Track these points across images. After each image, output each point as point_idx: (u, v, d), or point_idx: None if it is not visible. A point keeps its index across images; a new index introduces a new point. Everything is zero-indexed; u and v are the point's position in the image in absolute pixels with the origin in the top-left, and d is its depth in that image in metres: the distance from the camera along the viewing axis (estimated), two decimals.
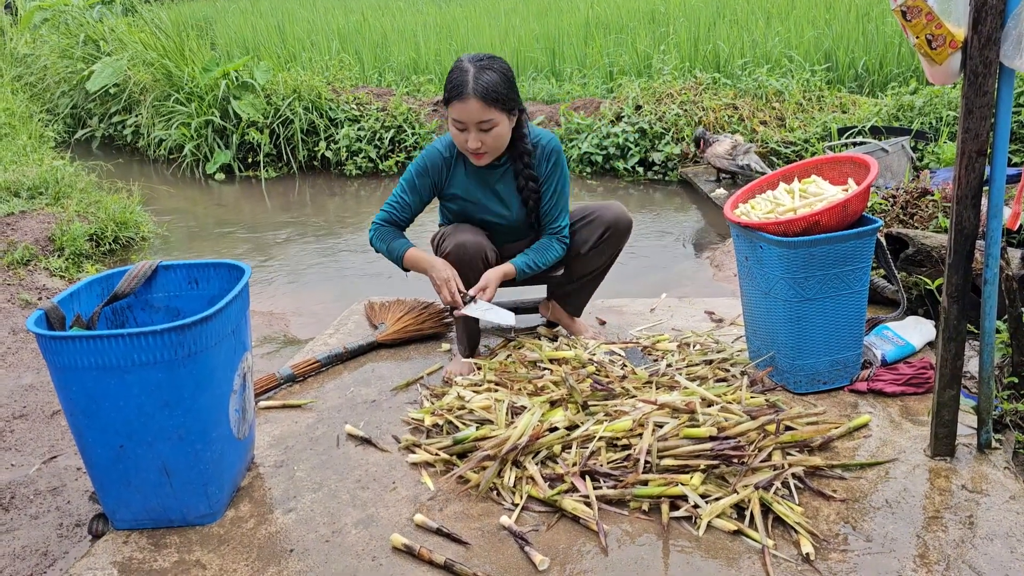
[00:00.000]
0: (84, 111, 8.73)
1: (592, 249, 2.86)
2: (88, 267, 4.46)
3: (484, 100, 2.48)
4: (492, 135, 2.56)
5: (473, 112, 2.50)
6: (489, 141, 2.57)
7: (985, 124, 1.93)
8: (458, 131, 2.58)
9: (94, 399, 1.94)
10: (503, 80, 2.53)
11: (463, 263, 2.68)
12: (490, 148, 2.60)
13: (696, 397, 2.38)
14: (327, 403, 2.73)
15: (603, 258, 2.92)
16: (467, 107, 2.49)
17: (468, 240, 2.68)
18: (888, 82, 7.39)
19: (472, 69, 2.50)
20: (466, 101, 2.48)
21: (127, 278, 2.30)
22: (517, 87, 2.60)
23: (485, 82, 2.48)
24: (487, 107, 2.49)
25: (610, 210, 2.85)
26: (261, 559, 1.97)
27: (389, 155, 7.19)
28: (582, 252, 2.87)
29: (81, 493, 2.37)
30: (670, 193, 6.29)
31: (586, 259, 2.89)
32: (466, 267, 2.69)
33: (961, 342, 2.12)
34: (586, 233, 2.86)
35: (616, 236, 2.86)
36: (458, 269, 2.69)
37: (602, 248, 2.87)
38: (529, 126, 2.73)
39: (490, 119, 2.52)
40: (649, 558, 1.91)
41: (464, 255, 2.67)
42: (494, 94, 2.49)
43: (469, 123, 2.53)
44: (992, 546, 1.88)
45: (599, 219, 2.84)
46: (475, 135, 2.54)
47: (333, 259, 5.11)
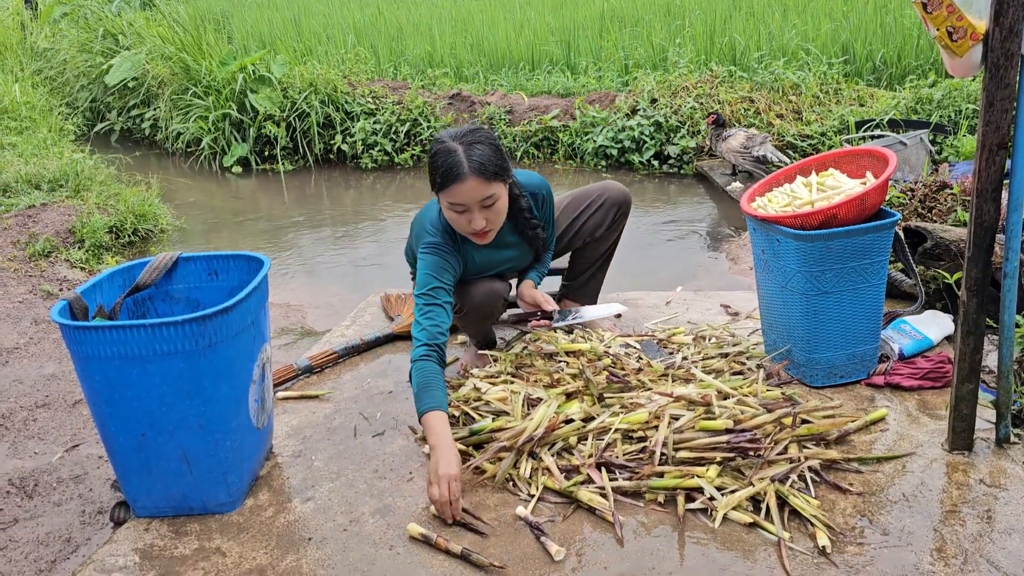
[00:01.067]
0: (103, 105, 8.79)
1: (607, 230, 2.93)
2: (108, 259, 4.51)
3: (483, 176, 2.32)
4: (495, 210, 2.41)
5: (474, 192, 2.33)
6: (493, 217, 2.42)
7: (1006, 117, 1.92)
8: (457, 215, 2.39)
9: (116, 388, 1.96)
10: (493, 150, 2.36)
11: (480, 315, 2.71)
12: (494, 223, 2.45)
13: (712, 390, 2.38)
14: (344, 394, 2.75)
15: (613, 236, 2.99)
16: (466, 188, 2.32)
17: (482, 294, 2.64)
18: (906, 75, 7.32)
19: (460, 148, 2.32)
20: (464, 182, 2.31)
21: (148, 269, 2.32)
22: (504, 153, 2.43)
23: (478, 157, 2.31)
24: (487, 183, 2.33)
25: (614, 190, 2.92)
26: (280, 547, 2.00)
27: (405, 148, 7.21)
28: (597, 235, 2.93)
29: (103, 481, 2.41)
30: (685, 186, 6.27)
31: (599, 242, 2.96)
32: (487, 318, 2.75)
33: (980, 336, 2.11)
34: (600, 216, 2.92)
35: (625, 212, 2.95)
36: (480, 323, 2.74)
37: (614, 227, 2.95)
38: (517, 175, 2.64)
39: (492, 194, 2.36)
40: (664, 549, 1.91)
41: (482, 309, 2.68)
42: (491, 167, 2.33)
43: (471, 204, 2.36)
44: (1010, 540, 1.88)
45: (608, 200, 2.90)
46: (479, 215, 2.38)
47: (350, 251, 5.14)
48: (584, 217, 2.93)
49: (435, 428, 2.20)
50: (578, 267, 3.03)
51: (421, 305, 2.42)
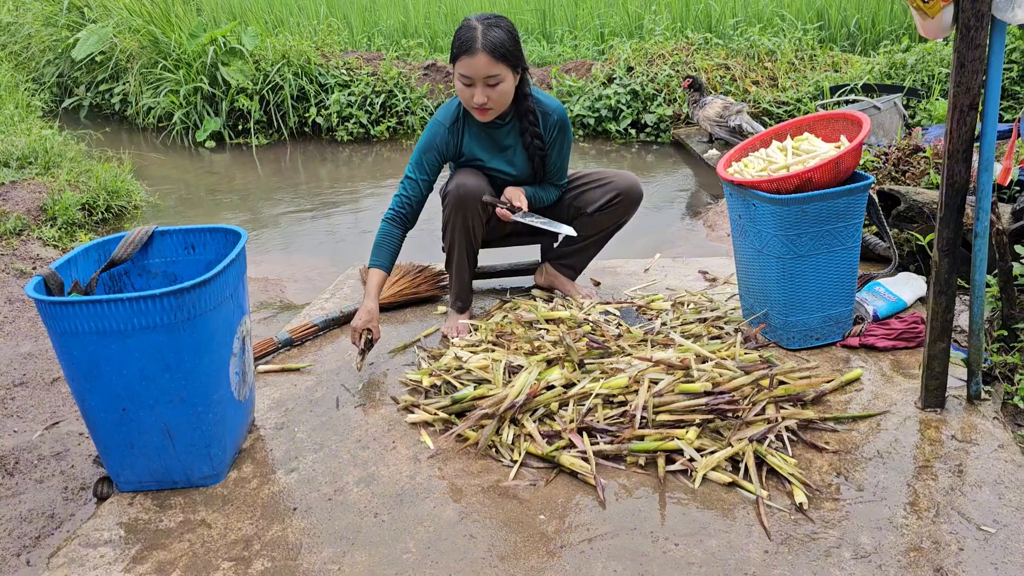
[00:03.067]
0: (71, 80, 8.61)
1: (598, 211, 2.93)
2: (81, 236, 4.45)
3: (492, 55, 2.53)
4: (498, 91, 2.61)
5: (481, 67, 2.54)
6: (495, 96, 2.62)
7: (977, 78, 1.94)
8: (464, 86, 2.62)
9: (95, 363, 1.95)
10: (510, 37, 2.58)
11: (461, 205, 2.74)
12: (495, 103, 2.64)
13: (691, 354, 2.41)
14: (325, 366, 2.75)
15: (608, 223, 2.98)
16: (475, 62, 2.54)
17: (468, 181, 2.73)
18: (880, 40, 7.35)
19: (480, 26, 2.55)
20: (475, 56, 2.53)
21: (124, 244, 2.30)
22: (522, 47, 2.65)
23: (493, 38, 2.53)
24: (494, 62, 2.54)
25: (625, 178, 2.94)
26: (265, 518, 2.01)
27: (380, 120, 7.14)
28: (587, 212, 2.93)
29: (85, 457, 2.40)
30: (662, 154, 6.28)
31: (591, 219, 2.95)
32: (463, 208, 2.75)
33: (952, 296, 2.15)
34: (597, 194, 2.93)
35: (625, 204, 2.94)
36: (455, 208, 2.75)
37: (609, 212, 2.94)
38: (537, 92, 2.82)
39: (497, 74, 2.57)
40: (646, 510, 1.95)
41: (463, 197, 2.73)
42: (502, 49, 2.54)
43: (476, 78, 2.57)
44: (981, 493, 1.93)
45: (612, 184, 2.93)
46: (481, 90, 2.59)
47: (327, 224, 5.10)
48: (583, 189, 2.96)
49: (369, 283, 2.70)
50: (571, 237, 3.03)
51: (404, 178, 2.79)
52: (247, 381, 2.29)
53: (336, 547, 1.89)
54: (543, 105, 2.81)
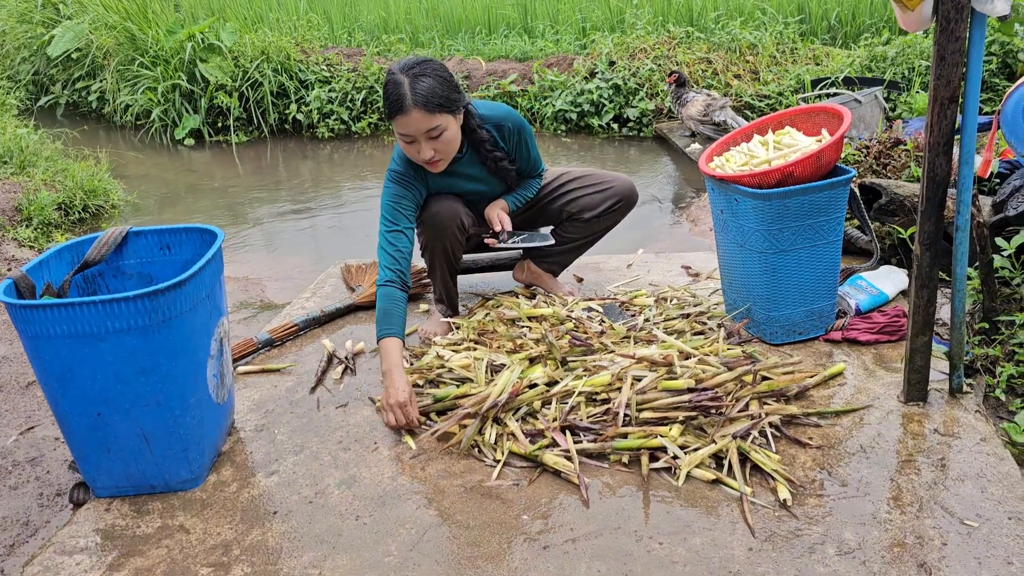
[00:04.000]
0: (46, 77, 8.51)
1: (597, 217, 2.90)
2: (57, 236, 4.39)
3: (426, 109, 2.37)
4: (443, 141, 2.46)
5: (418, 123, 2.39)
6: (441, 147, 2.48)
7: (957, 71, 1.93)
8: (407, 144, 2.48)
9: (69, 367, 1.92)
10: (440, 82, 2.40)
11: (438, 231, 2.68)
12: (443, 153, 2.51)
13: (673, 350, 2.40)
14: (306, 366, 2.72)
15: (603, 226, 2.96)
16: (410, 120, 2.38)
17: (443, 209, 2.66)
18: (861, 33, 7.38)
19: (407, 80, 2.36)
20: (408, 114, 2.37)
21: (97, 245, 2.26)
22: (456, 83, 2.48)
23: (422, 90, 2.36)
24: (430, 115, 2.39)
25: (624, 183, 2.91)
26: (245, 522, 1.98)
27: (361, 116, 7.10)
28: (584, 217, 2.89)
29: (60, 463, 2.36)
30: (645, 149, 6.27)
31: (586, 224, 2.92)
32: (442, 237, 2.69)
33: (933, 289, 2.14)
34: (596, 199, 2.89)
35: (623, 208, 2.93)
36: (434, 238, 2.70)
37: (608, 217, 2.92)
38: (480, 109, 2.66)
39: (437, 126, 2.41)
40: (630, 509, 1.93)
41: (439, 226, 2.67)
42: (435, 100, 2.38)
43: (417, 135, 2.43)
44: (963, 487, 1.93)
45: (613, 190, 2.88)
46: (426, 145, 2.45)
47: (308, 222, 5.06)
48: (580, 192, 2.91)
49: (388, 353, 2.39)
50: (556, 238, 3.00)
51: (384, 232, 2.59)
52: (225, 383, 2.26)
53: (317, 551, 1.86)
54: (493, 120, 2.67)
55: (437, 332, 2.81)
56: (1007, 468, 1.98)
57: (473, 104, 2.64)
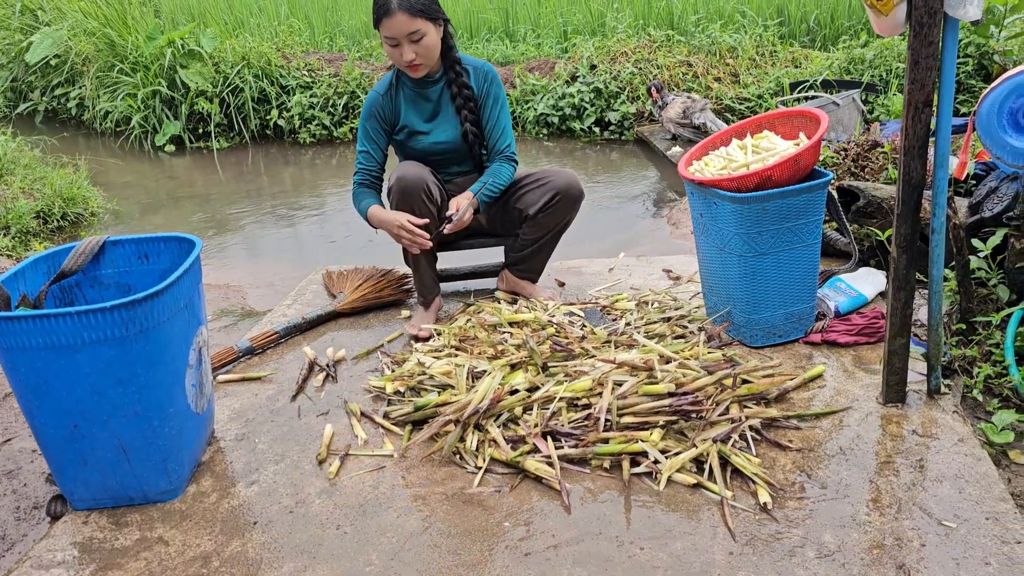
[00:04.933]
0: (25, 84, 8.43)
1: (540, 212, 2.88)
2: (36, 245, 4.35)
3: (409, 12, 2.61)
4: (423, 45, 2.69)
5: (401, 25, 2.62)
6: (421, 51, 2.70)
7: (931, 74, 1.95)
8: (392, 47, 2.70)
9: (44, 379, 1.90)
10: None
11: (406, 197, 2.74)
12: (423, 57, 2.72)
13: (654, 354, 2.40)
14: (287, 374, 2.71)
15: (552, 223, 2.93)
16: (394, 22, 2.62)
17: (408, 173, 2.74)
18: (839, 35, 7.43)
19: None
20: (392, 16, 2.61)
21: (74, 255, 2.24)
22: (438, 2, 2.73)
23: None
24: (413, 18, 2.62)
25: (562, 177, 2.88)
26: (224, 533, 1.97)
27: (343, 122, 7.08)
28: (530, 213, 2.89)
29: (38, 475, 2.33)
30: (626, 152, 6.29)
31: (535, 222, 2.91)
32: (409, 200, 2.74)
33: (910, 291, 2.16)
34: (536, 195, 2.89)
35: (565, 203, 2.88)
36: (401, 204, 2.75)
37: (550, 212, 2.89)
38: (462, 55, 2.89)
39: (418, 29, 2.65)
40: (611, 514, 1.93)
41: (405, 189, 2.73)
42: (418, 5, 2.63)
43: (400, 37, 2.65)
44: (942, 488, 1.94)
45: (550, 184, 2.87)
46: (408, 47, 2.68)
47: (290, 229, 5.04)
48: (524, 190, 2.91)
49: (376, 212, 2.80)
50: (519, 243, 3.01)
51: (357, 152, 2.94)
52: (205, 393, 2.24)
53: (297, 561, 1.85)
54: (469, 62, 2.89)
55: (420, 326, 2.84)
56: (984, 468, 2.00)
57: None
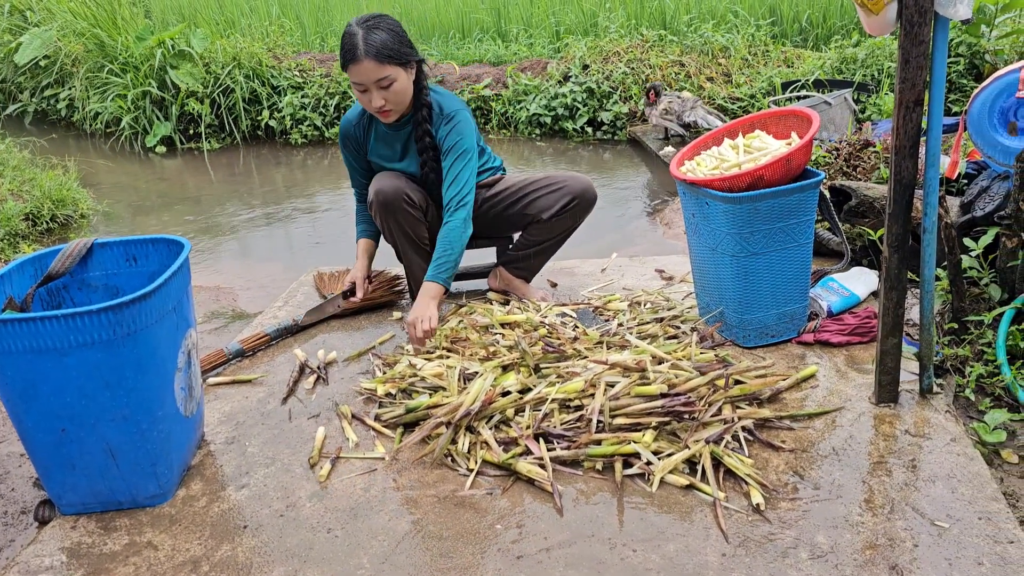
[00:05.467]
0: (14, 85, 8.39)
1: (554, 216, 2.89)
2: (25, 247, 4.32)
3: (377, 59, 2.55)
4: (392, 91, 2.63)
5: (369, 72, 2.56)
6: (391, 97, 2.64)
7: (921, 74, 1.95)
8: (361, 93, 2.65)
9: (32, 383, 1.88)
10: (392, 36, 2.58)
11: (388, 211, 2.77)
12: (394, 104, 2.66)
13: (646, 355, 2.39)
14: (278, 377, 2.69)
15: (563, 227, 2.95)
16: (361, 69, 2.56)
17: (385, 187, 2.76)
18: (831, 35, 7.44)
19: (360, 31, 2.55)
20: (360, 63, 2.55)
21: (61, 257, 2.22)
22: (409, 39, 2.66)
23: (375, 41, 2.54)
24: (381, 65, 2.56)
25: (578, 181, 2.90)
26: (214, 537, 1.95)
27: (335, 122, 7.05)
28: (543, 218, 2.90)
29: (25, 479, 2.31)
30: (619, 153, 6.29)
31: (546, 225, 2.92)
32: (393, 213, 2.77)
33: (902, 291, 2.16)
34: (551, 199, 2.89)
35: (580, 208, 2.91)
36: (384, 216, 2.79)
37: (564, 217, 2.91)
38: (436, 89, 2.84)
39: (386, 76, 2.58)
40: (604, 516, 1.92)
41: (385, 203, 2.76)
42: (385, 51, 2.56)
43: (368, 83, 2.59)
44: (934, 488, 1.94)
45: (567, 188, 2.88)
46: (377, 94, 2.62)
47: (281, 230, 5.02)
48: (537, 194, 2.92)
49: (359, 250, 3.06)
50: (521, 242, 3.01)
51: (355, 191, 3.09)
52: (194, 396, 2.23)
53: (288, 565, 1.84)
54: (437, 101, 2.79)
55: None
56: (977, 468, 2.00)
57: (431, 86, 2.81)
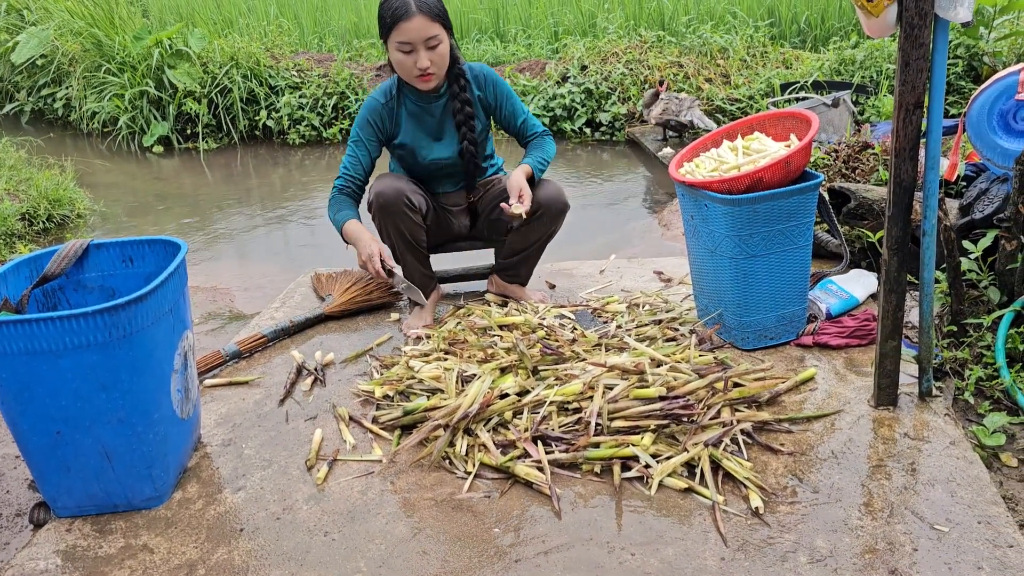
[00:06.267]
0: (11, 84, 8.36)
1: (523, 224, 2.83)
2: (21, 247, 4.30)
3: (428, 15, 2.52)
4: (439, 52, 2.59)
5: (420, 29, 2.52)
6: (437, 59, 2.60)
7: (921, 76, 1.94)
8: (405, 55, 2.58)
9: (26, 385, 1.87)
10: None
11: (387, 213, 2.72)
12: (438, 67, 2.62)
13: (645, 358, 2.39)
14: (275, 378, 2.68)
15: (535, 236, 2.91)
16: (413, 25, 2.51)
17: (386, 188, 2.71)
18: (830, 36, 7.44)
19: None
20: (411, 19, 2.50)
21: (56, 258, 2.21)
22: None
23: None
24: (432, 22, 2.53)
25: (546, 189, 2.82)
26: (210, 540, 1.94)
27: (333, 123, 7.04)
28: (514, 226, 2.85)
29: (20, 482, 2.30)
30: (617, 153, 6.28)
31: (519, 234, 2.89)
32: (392, 215, 2.72)
33: (901, 293, 2.15)
34: None
35: (550, 215, 2.83)
36: (384, 220, 2.73)
37: (533, 226, 2.85)
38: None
39: (436, 35, 2.55)
40: (602, 519, 1.92)
41: (385, 205, 2.71)
42: (436, 9, 2.54)
43: (417, 42, 2.54)
44: (933, 491, 1.93)
45: (533, 198, 2.81)
46: (424, 54, 2.56)
47: (279, 231, 5.01)
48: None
49: (352, 229, 2.66)
50: (506, 250, 2.99)
51: (345, 159, 2.79)
52: (191, 398, 2.22)
53: (284, 569, 1.83)
54: (469, 66, 2.81)
55: (418, 327, 2.82)
56: (976, 471, 1.99)
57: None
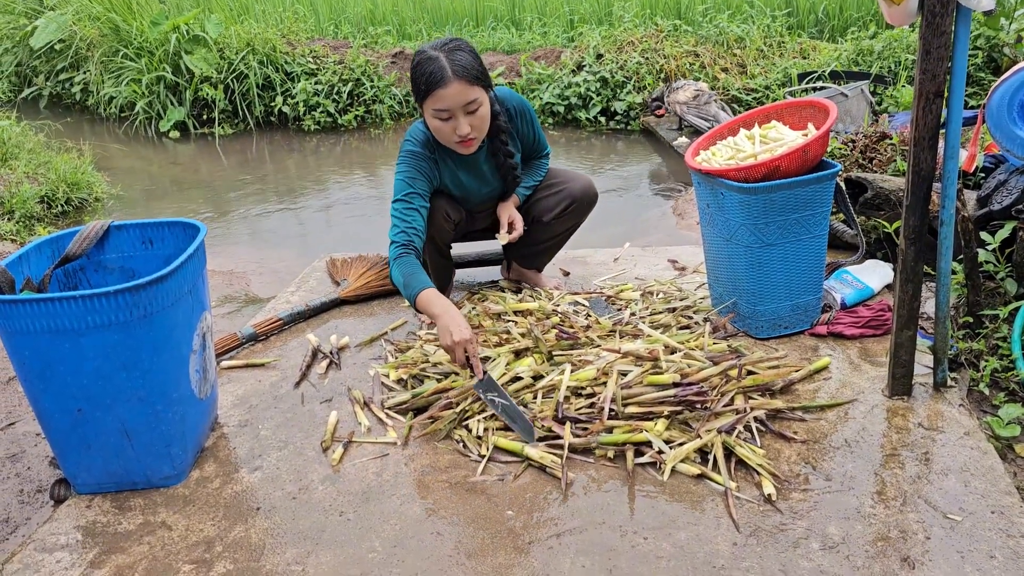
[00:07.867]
0: (29, 69, 8.42)
1: (555, 219, 2.87)
2: (40, 229, 4.35)
3: (467, 80, 2.37)
4: (479, 116, 2.45)
5: (458, 95, 2.37)
6: (477, 123, 2.46)
7: (942, 65, 1.93)
8: (442, 122, 2.43)
9: (49, 363, 1.89)
10: (475, 57, 2.42)
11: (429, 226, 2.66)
12: (479, 131, 2.48)
13: (659, 344, 2.39)
14: (290, 361, 2.70)
15: (564, 227, 2.93)
16: (450, 92, 2.36)
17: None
18: (848, 27, 7.39)
19: (442, 55, 2.37)
20: (448, 86, 2.35)
21: (78, 239, 2.23)
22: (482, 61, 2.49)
23: (462, 62, 2.37)
24: (470, 86, 2.38)
25: (577, 183, 2.85)
26: (228, 518, 1.97)
27: (348, 109, 7.06)
28: (543, 220, 2.87)
29: (41, 459, 2.34)
30: (632, 142, 6.27)
31: (547, 226, 2.90)
32: (432, 226, 2.67)
33: (918, 283, 2.15)
34: (551, 202, 2.87)
35: (580, 209, 2.88)
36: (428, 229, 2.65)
37: (565, 218, 2.88)
38: (496, 91, 2.66)
39: (475, 99, 2.40)
40: (615, 504, 1.93)
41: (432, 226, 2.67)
42: (473, 72, 2.38)
43: (455, 108, 2.39)
44: (947, 481, 1.93)
45: (566, 191, 2.85)
46: (464, 120, 2.42)
47: (294, 216, 5.03)
48: (538, 195, 2.89)
49: (433, 301, 2.30)
50: (527, 239, 2.99)
51: (398, 210, 2.51)
52: (208, 378, 2.24)
53: (300, 547, 1.85)
54: (510, 103, 2.69)
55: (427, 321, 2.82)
56: (990, 462, 1.99)
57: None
